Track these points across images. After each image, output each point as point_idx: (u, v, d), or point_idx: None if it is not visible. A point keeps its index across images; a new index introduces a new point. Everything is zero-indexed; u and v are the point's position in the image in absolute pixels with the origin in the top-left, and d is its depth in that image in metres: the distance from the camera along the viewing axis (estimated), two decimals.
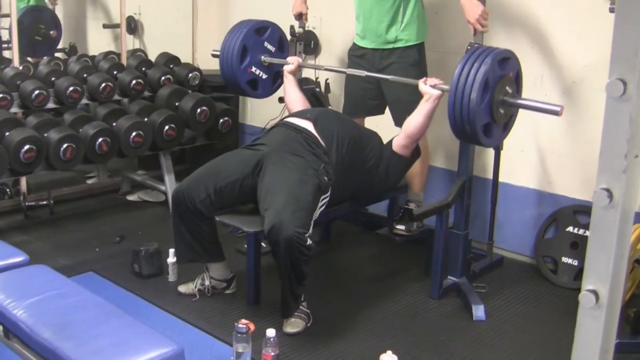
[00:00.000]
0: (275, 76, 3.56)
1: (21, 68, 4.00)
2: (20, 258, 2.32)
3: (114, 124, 3.76)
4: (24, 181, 3.96)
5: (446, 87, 2.71)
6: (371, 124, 3.55)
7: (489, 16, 2.92)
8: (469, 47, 2.76)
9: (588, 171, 3.19)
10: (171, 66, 4.36)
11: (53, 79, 3.89)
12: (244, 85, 3.48)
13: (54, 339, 1.80)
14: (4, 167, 3.33)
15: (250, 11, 4.14)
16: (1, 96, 3.57)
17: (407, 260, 3.49)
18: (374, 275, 3.38)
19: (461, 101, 2.48)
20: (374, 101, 3.50)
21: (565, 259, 3.26)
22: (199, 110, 3.96)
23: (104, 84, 3.88)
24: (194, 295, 3.03)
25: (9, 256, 2.32)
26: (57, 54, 5.35)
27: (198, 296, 3.02)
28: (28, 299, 2.00)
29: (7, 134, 3.36)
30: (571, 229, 3.26)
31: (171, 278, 3.18)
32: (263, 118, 4.41)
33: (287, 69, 3.39)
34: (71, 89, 3.77)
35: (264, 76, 3.52)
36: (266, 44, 3.48)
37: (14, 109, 3.66)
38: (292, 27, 3.63)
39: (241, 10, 4.57)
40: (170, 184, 4.06)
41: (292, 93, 3.38)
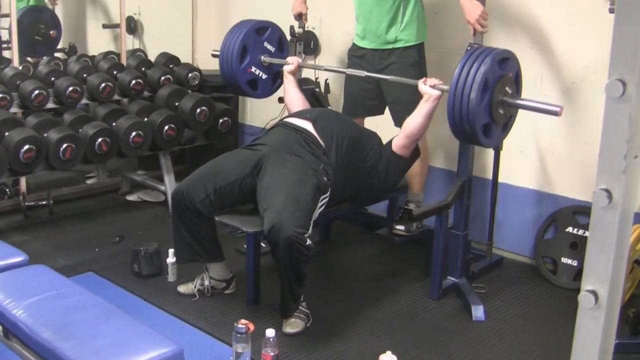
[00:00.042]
0: (275, 76, 3.56)
1: (21, 68, 4.00)
2: (19, 258, 2.31)
3: (114, 124, 3.76)
4: (23, 181, 3.96)
5: (446, 87, 2.71)
6: (371, 124, 3.55)
7: (488, 16, 2.92)
8: (468, 48, 2.76)
9: (587, 172, 3.19)
10: (171, 66, 4.36)
11: (53, 79, 3.88)
12: (243, 85, 3.48)
13: (53, 339, 1.80)
14: (3, 167, 3.32)
15: (250, 11, 4.13)
16: (1, 96, 3.56)
17: (407, 260, 3.49)
18: (373, 275, 3.38)
19: (460, 101, 2.48)
20: (373, 101, 3.49)
21: (564, 260, 3.26)
22: (198, 110, 3.95)
23: (103, 84, 3.88)
24: (193, 296, 3.03)
25: (8, 256, 2.31)
26: (57, 54, 5.35)
27: (197, 296, 3.02)
28: (27, 299, 1.99)
29: (7, 134, 3.36)
30: (571, 229, 3.26)
31: (171, 278, 3.18)
32: (263, 118, 4.41)
33: (286, 69, 3.39)
34: (71, 89, 3.77)
35: (264, 76, 3.52)
36: (266, 44, 3.48)
37: (13, 109, 3.66)
38: (291, 28, 3.63)
39: (241, 10, 4.57)
40: (169, 184, 4.06)
41: (291, 93, 3.37)
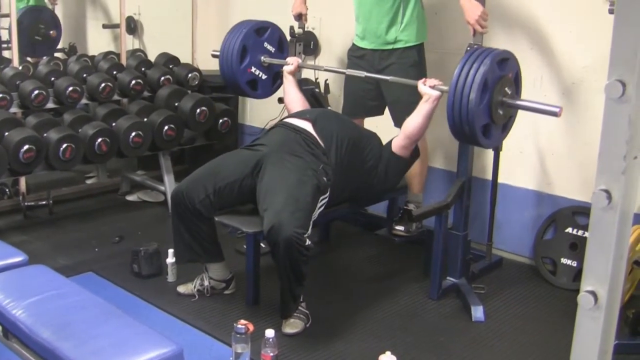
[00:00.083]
0: (275, 77, 3.56)
1: (21, 68, 4.00)
2: (19, 258, 2.31)
3: (114, 124, 3.76)
4: (23, 181, 3.96)
5: (445, 87, 2.71)
6: (371, 124, 3.55)
7: (488, 17, 2.92)
8: (468, 48, 2.76)
9: (587, 172, 3.19)
10: (171, 66, 4.36)
11: (52, 79, 3.88)
12: (243, 86, 3.48)
13: (53, 339, 1.80)
14: (3, 167, 3.32)
15: (250, 11, 4.14)
16: (1, 96, 3.56)
17: (407, 261, 3.49)
18: (373, 275, 3.38)
19: (460, 102, 2.48)
20: (373, 102, 3.49)
21: (564, 260, 3.26)
22: (198, 110, 3.95)
23: (103, 84, 3.88)
24: (193, 296, 3.02)
25: (8, 256, 2.31)
26: (57, 54, 5.36)
27: (197, 296, 3.02)
28: (27, 299, 1.99)
29: (7, 134, 3.36)
30: (570, 230, 3.26)
31: (170, 278, 3.18)
32: (262, 118, 4.41)
33: (286, 69, 3.39)
34: (71, 89, 3.77)
35: (264, 76, 3.52)
36: (266, 44, 3.48)
37: (13, 109, 3.66)
38: (291, 28, 3.64)
39: (241, 10, 4.57)
40: (169, 184, 4.06)
41: (291, 93, 3.37)
